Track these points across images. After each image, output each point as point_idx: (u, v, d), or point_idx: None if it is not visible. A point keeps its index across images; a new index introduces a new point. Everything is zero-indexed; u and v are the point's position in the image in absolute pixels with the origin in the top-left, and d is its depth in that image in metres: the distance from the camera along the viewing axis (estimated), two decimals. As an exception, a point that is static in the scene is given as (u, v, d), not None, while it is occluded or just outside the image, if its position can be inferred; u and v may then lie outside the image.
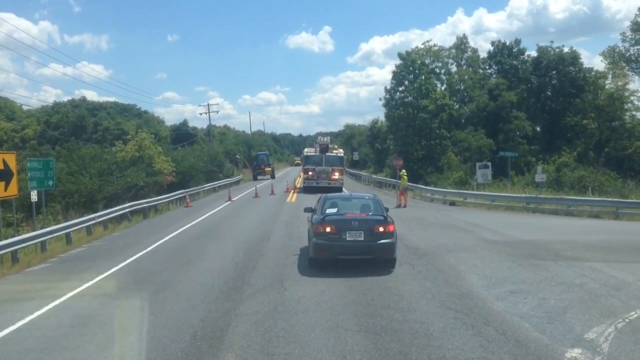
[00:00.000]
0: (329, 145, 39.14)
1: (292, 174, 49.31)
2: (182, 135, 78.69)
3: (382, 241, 12.04)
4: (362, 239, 11.98)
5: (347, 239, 12.00)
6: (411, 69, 52.26)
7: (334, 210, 13.11)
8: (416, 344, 7.67)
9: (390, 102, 53.20)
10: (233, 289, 11.00)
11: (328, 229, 12.08)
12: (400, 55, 53.23)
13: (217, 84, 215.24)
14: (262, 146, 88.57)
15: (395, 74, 53.10)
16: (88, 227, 20.02)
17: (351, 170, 66.21)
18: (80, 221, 19.69)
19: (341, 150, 41.31)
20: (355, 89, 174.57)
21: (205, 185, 42.02)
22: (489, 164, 36.96)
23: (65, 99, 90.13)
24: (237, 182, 54.30)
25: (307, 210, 14.81)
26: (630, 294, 10.29)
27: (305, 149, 43.10)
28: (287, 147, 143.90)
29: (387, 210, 13.25)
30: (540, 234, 18.57)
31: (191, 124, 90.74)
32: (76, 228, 19.14)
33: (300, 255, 14.23)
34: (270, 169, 59.88)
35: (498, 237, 17.59)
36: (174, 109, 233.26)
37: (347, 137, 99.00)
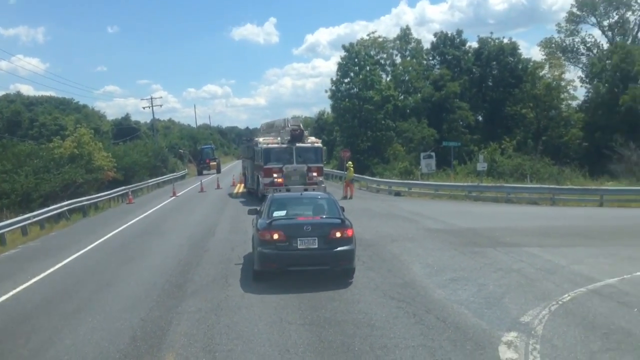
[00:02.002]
0: (304, 132, 26.67)
1: (238, 168, 48.64)
2: (125, 129, 76.81)
3: (339, 248, 10.35)
4: (317, 246, 10.30)
5: (299, 247, 10.29)
6: (356, 60, 52.49)
7: (283, 212, 11.32)
8: (359, 335, 7.74)
9: (336, 94, 53.32)
10: (175, 287, 10.81)
11: (276, 236, 10.31)
12: (344, 47, 53.41)
13: (160, 77, 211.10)
14: (207, 140, 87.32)
15: (340, 66, 53.22)
16: (23, 227, 19.25)
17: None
18: (14, 221, 18.88)
19: (318, 140, 28.02)
20: (302, 80, 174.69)
21: (149, 181, 41.15)
22: (433, 154, 37.59)
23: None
24: (182, 177, 53.48)
25: (251, 212, 13.06)
26: (563, 278, 10.68)
27: (260, 139, 27.31)
28: (233, 140, 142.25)
29: (343, 210, 11.73)
30: (481, 221, 19.02)
31: (134, 118, 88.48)
32: (10, 229, 18.35)
33: (245, 249, 14.10)
34: (215, 163, 59.21)
35: (441, 226, 17.92)
36: (116, 102, 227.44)
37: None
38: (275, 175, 24.90)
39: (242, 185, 34.87)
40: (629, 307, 8.62)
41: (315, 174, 25.48)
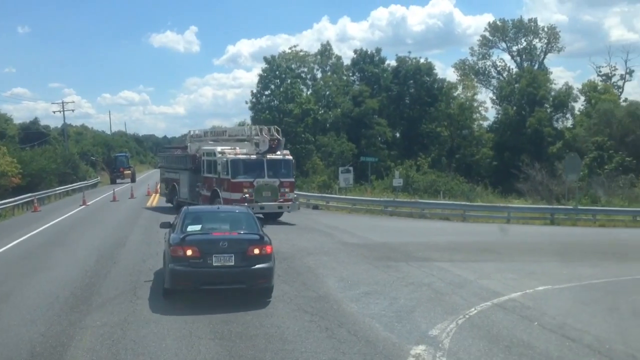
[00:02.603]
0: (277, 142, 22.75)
1: (154, 177, 47.17)
2: (33, 134, 72.80)
3: (257, 266, 9.85)
4: (233, 263, 9.76)
5: (214, 264, 9.72)
6: (277, 73, 52.79)
7: (198, 227, 10.67)
8: (270, 349, 7.65)
9: (257, 106, 53.32)
10: (80, 300, 10.30)
11: (189, 252, 9.70)
12: (266, 59, 53.59)
13: (74, 81, 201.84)
14: (122, 148, 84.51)
15: (261, 78, 53.34)
16: None
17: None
18: None
19: (287, 151, 23.98)
20: (222, 91, 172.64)
21: (57, 189, 39.25)
22: (351, 168, 38.10)
23: None
24: (95, 185, 51.48)
25: (163, 225, 12.16)
26: (471, 292, 11.06)
27: (218, 148, 23.38)
28: (150, 148, 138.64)
29: (262, 225, 11.20)
30: (395, 236, 19.43)
31: (44, 122, 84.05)
32: None
33: (158, 261, 13.64)
34: (130, 171, 57.32)
35: (356, 240, 18.14)
36: (24, 106, 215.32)
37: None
38: (245, 190, 21.56)
39: (158, 195, 33.93)
40: (530, 321, 9.02)
41: (287, 189, 22.78)
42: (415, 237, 19.19)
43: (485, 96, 63.20)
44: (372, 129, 52.48)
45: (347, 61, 60.73)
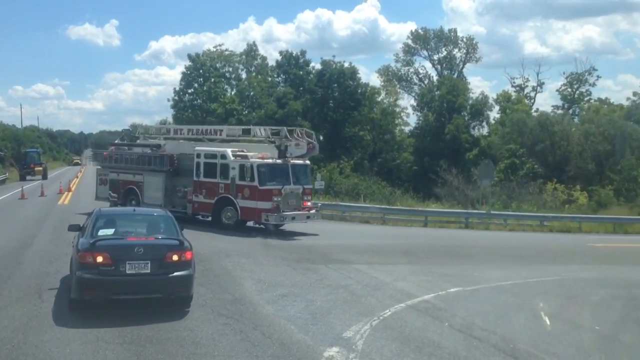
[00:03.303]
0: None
1: (68, 175, 45.13)
2: None
3: (176, 274, 9.18)
4: (149, 271, 9.06)
5: (128, 271, 8.98)
6: (201, 71, 51.96)
7: (110, 231, 9.89)
8: (182, 353, 7.48)
9: (179, 104, 52.26)
10: (-22, 303, 9.66)
11: (100, 259, 8.89)
12: (190, 57, 52.64)
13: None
14: (34, 143, 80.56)
15: (184, 76, 52.37)
16: None
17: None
18: None
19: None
20: (144, 87, 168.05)
21: (-40, 185, 36.87)
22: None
23: None
24: (2, 182, 48.69)
25: (72, 228, 11.11)
26: (386, 294, 11.26)
27: (228, 151, 20.75)
28: (65, 145, 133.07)
29: (182, 229, 10.41)
30: (315, 238, 19.50)
31: (-53, 114, 79.14)
32: None
33: (65, 263, 13.01)
34: (41, 168, 54.58)
35: (277, 242, 18.08)
36: None
37: (133, 137, 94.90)
38: (274, 198, 19.62)
39: (71, 194, 32.41)
40: (441, 322, 9.28)
41: (309, 196, 21.28)
42: (335, 240, 19.34)
43: (407, 102, 64.91)
44: (296, 131, 52.61)
45: (272, 62, 60.72)
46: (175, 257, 9.27)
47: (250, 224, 20.35)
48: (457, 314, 9.82)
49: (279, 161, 20.19)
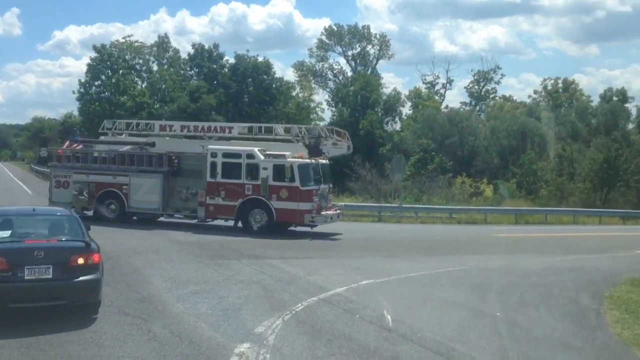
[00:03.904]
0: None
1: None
2: None
3: (82, 278, 8.49)
4: (51, 276, 8.33)
5: (26, 277, 8.25)
6: (109, 63, 49.97)
7: (6, 233, 9.12)
8: (84, 356, 7.18)
9: (85, 96, 50.01)
10: None
11: None
12: (95, 48, 50.48)
13: None
14: None
15: (90, 67, 50.13)
16: None
17: (39, 168, 60.05)
18: None
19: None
20: (47, 79, 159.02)
21: None
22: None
23: None
24: None
25: None
26: (299, 288, 11.27)
27: (256, 149, 19.80)
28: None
29: (89, 229, 9.67)
30: (229, 233, 19.20)
31: None
32: None
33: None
34: None
35: (189, 238, 17.73)
36: None
37: (36, 130, 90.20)
38: (315, 199, 19.22)
39: None
40: (352, 314, 9.40)
41: (331, 195, 21.46)
42: (248, 235, 19.15)
43: (322, 97, 65.44)
44: (209, 125, 51.79)
45: (185, 55, 59.38)
46: (80, 261, 8.62)
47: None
48: (368, 306, 9.97)
49: (312, 161, 19.87)
